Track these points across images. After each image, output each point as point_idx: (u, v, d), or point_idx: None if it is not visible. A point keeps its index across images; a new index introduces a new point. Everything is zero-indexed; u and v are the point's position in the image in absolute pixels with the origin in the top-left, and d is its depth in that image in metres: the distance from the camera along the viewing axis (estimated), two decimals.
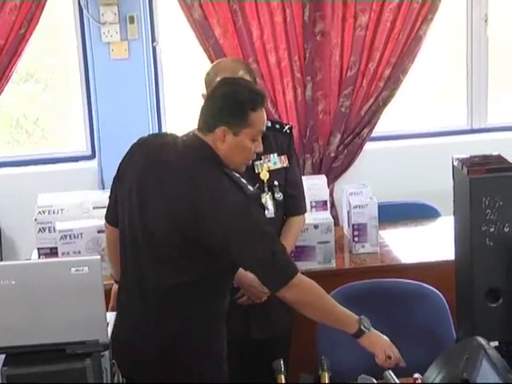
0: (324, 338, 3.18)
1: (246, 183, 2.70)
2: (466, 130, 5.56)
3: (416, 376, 2.68)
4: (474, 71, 5.48)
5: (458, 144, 5.31)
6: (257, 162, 3.26)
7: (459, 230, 2.79)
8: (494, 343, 2.65)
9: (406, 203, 4.63)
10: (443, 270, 3.27)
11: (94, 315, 2.34)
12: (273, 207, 3.31)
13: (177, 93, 5.45)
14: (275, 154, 3.33)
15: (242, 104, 2.73)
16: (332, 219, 3.88)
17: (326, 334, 3.13)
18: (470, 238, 2.66)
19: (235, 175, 2.72)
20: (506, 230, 2.64)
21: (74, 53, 5.19)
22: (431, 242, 4.13)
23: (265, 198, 3.26)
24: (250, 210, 2.66)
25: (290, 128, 3.42)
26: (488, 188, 2.63)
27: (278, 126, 3.38)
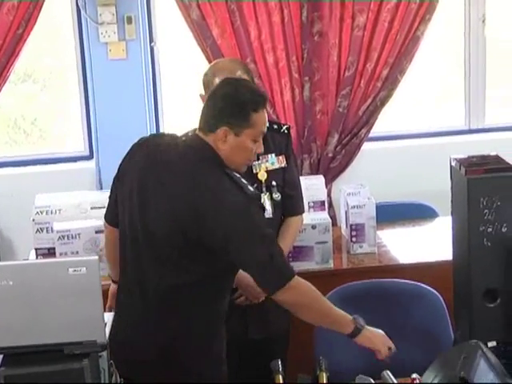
0: (322, 339, 3.18)
1: (246, 183, 2.71)
2: (464, 130, 5.55)
3: (414, 376, 2.69)
4: (471, 71, 5.47)
5: (455, 144, 5.31)
6: (255, 163, 3.24)
7: (457, 230, 2.79)
8: (491, 343, 2.65)
9: (403, 203, 4.64)
10: (441, 270, 3.27)
11: (92, 315, 2.34)
12: (271, 207, 3.30)
13: (174, 93, 5.45)
14: (273, 155, 3.33)
15: (244, 105, 2.73)
16: (330, 219, 3.89)
17: (323, 335, 3.12)
18: (467, 238, 2.66)
19: (236, 175, 2.72)
20: (504, 230, 2.64)
21: (72, 53, 5.18)
22: (429, 243, 4.13)
23: (263, 199, 3.24)
24: (250, 211, 2.66)
25: (288, 128, 3.41)
26: (486, 188, 2.63)
27: (275, 127, 3.36)
